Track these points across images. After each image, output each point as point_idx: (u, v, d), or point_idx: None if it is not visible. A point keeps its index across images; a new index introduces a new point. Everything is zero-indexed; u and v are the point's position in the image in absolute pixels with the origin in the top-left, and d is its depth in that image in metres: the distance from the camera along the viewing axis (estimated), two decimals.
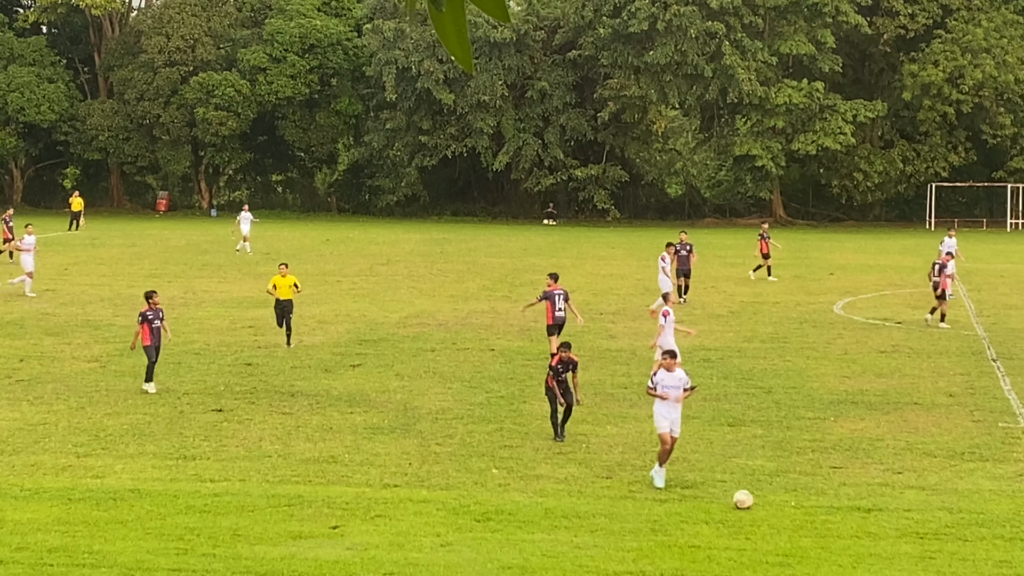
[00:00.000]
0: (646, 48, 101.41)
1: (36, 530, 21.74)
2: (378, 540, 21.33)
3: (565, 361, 28.42)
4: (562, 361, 28.41)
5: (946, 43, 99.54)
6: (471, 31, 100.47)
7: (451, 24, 5.31)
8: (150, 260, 67.36)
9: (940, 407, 31.98)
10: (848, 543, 21.46)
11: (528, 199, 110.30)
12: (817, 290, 55.69)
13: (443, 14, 5.31)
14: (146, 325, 32.89)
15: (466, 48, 5.32)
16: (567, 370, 28.44)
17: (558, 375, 28.22)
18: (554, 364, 28.45)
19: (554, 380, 28.22)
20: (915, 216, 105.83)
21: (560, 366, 28.32)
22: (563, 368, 28.37)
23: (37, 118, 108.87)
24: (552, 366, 28.49)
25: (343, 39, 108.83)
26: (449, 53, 5.35)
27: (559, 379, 28.20)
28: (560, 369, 28.31)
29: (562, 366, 28.35)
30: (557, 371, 28.26)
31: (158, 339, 33.13)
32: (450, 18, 5.30)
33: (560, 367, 28.31)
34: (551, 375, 28.37)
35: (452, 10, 5.31)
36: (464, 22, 5.30)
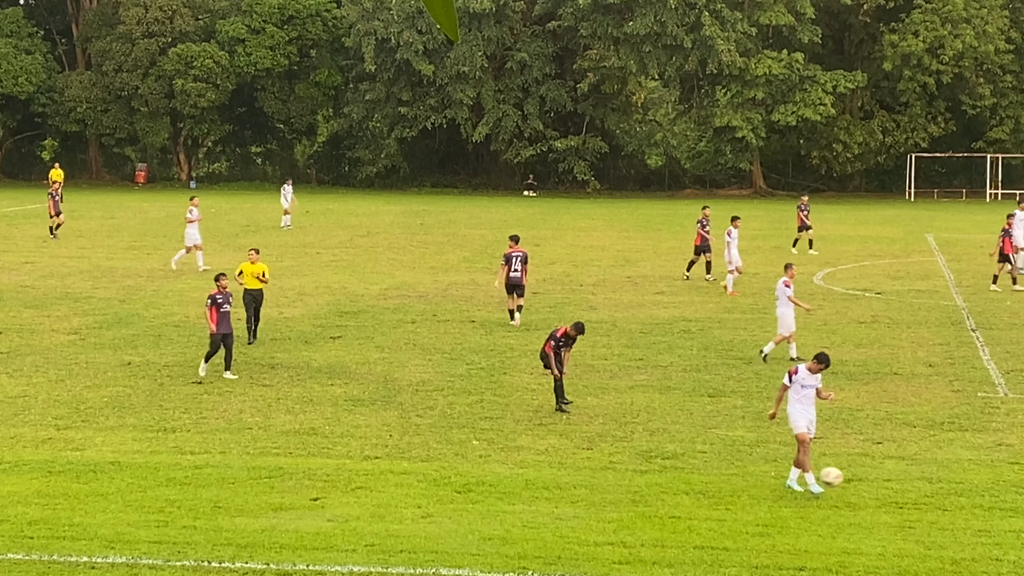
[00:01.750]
0: (625, 19, 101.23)
1: (16, 503, 21.71)
2: (359, 512, 21.35)
3: (570, 336, 28.44)
4: (567, 335, 28.40)
5: (926, 13, 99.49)
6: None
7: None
8: (129, 232, 67.18)
9: (920, 377, 32.07)
10: (828, 513, 21.54)
11: (508, 170, 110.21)
12: (797, 261, 55.65)
13: None
14: (215, 308, 30.98)
15: (451, 16, 5.30)
16: (567, 345, 28.39)
17: (558, 346, 28.21)
18: (559, 335, 28.38)
19: (553, 349, 28.17)
20: (895, 187, 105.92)
21: (563, 339, 28.30)
22: (564, 342, 28.31)
23: (15, 90, 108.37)
24: (555, 336, 28.43)
25: (322, 10, 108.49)
26: (435, 21, 5.31)
27: (557, 351, 28.17)
28: (562, 342, 28.25)
29: (564, 340, 28.31)
30: (558, 342, 28.24)
31: (228, 324, 31.31)
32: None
33: (563, 340, 28.29)
34: (551, 343, 28.31)
35: None
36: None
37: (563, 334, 28.35)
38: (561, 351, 28.23)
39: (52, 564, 19.20)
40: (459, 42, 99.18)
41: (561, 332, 28.45)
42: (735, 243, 46.26)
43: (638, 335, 37.60)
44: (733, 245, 46.13)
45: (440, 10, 5.30)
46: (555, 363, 28.10)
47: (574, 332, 28.48)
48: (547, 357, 28.36)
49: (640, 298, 44.86)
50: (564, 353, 28.36)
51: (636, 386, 30.90)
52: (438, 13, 5.31)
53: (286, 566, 19.14)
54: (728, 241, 46.27)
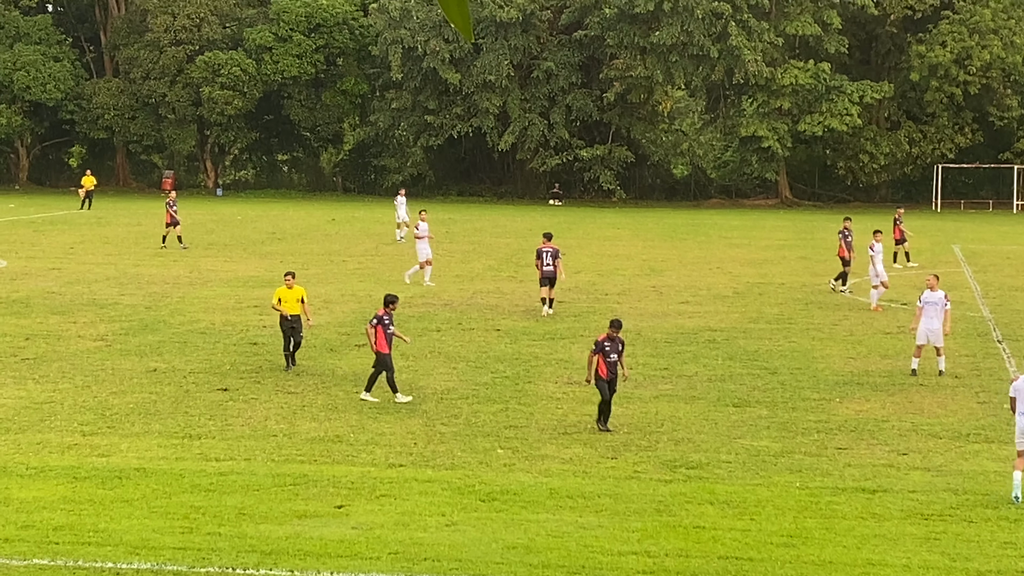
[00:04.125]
0: (652, 28, 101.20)
1: (42, 508, 21.77)
2: (383, 519, 21.35)
3: (613, 339, 27.49)
4: (610, 339, 27.47)
5: (954, 24, 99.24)
6: (478, 9, 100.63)
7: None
8: (156, 239, 67.31)
9: (945, 388, 31.97)
10: (853, 524, 21.47)
11: (534, 179, 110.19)
12: (823, 271, 55.62)
13: None
14: (380, 328, 29.93)
15: (465, 15, 5.30)
16: (616, 351, 27.44)
17: (606, 354, 27.23)
18: (601, 340, 27.49)
19: (603, 358, 27.16)
20: (921, 197, 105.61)
21: (607, 343, 27.37)
22: (611, 346, 27.39)
23: (43, 97, 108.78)
24: (599, 342, 27.48)
25: (349, 18, 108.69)
26: (449, 21, 5.32)
27: (608, 359, 27.21)
28: (607, 347, 27.31)
29: (610, 344, 27.40)
30: (603, 348, 27.26)
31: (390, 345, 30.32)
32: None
33: (607, 344, 27.36)
34: (598, 353, 27.26)
35: None
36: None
37: (605, 338, 27.54)
38: (612, 359, 27.26)
39: (77, 570, 19.24)
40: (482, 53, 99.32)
41: (603, 336, 27.68)
42: (879, 257, 45.22)
43: (663, 344, 37.56)
44: (877, 259, 45.06)
45: (454, 9, 5.31)
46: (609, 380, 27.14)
47: (613, 331, 27.58)
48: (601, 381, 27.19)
49: (665, 307, 44.81)
50: (618, 359, 27.38)
51: (661, 396, 30.86)
52: (452, 12, 5.32)
53: (310, 573, 19.15)
54: (872, 255, 45.30)
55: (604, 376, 27.20)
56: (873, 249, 45.29)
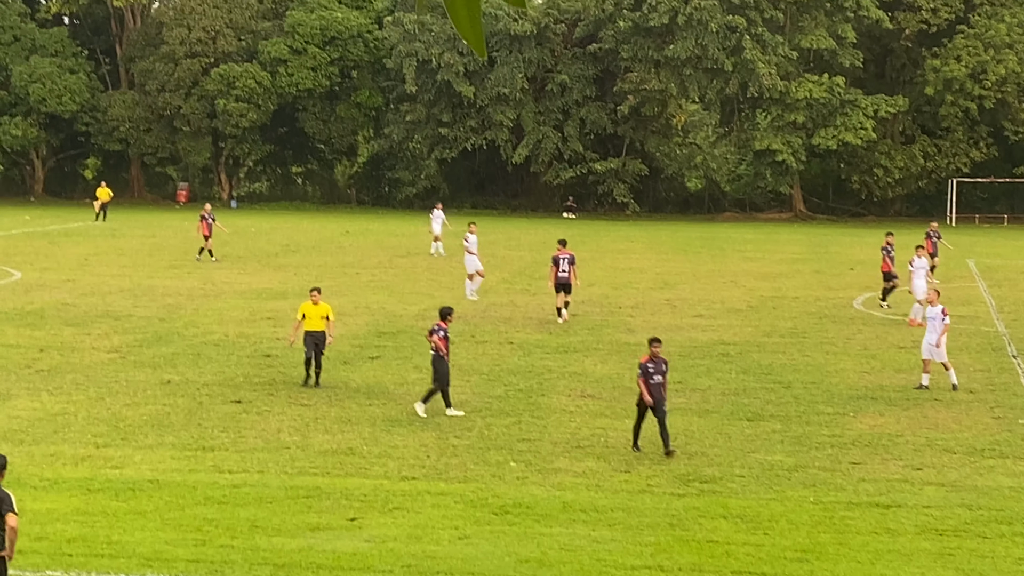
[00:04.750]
0: (666, 42, 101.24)
1: (55, 520, 21.78)
2: (396, 532, 21.34)
3: (656, 359, 26.59)
4: (653, 359, 26.57)
5: (969, 38, 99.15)
6: (492, 23, 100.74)
7: (463, 8, 5.28)
8: (170, 251, 67.47)
9: (960, 403, 31.88)
10: (867, 539, 21.41)
11: (547, 192, 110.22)
12: (837, 285, 55.56)
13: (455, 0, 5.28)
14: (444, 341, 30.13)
15: (478, 32, 5.29)
16: (660, 371, 26.49)
17: (649, 376, 26.27)
18: (643, 361, 26.58)
19: (645, 381, 26.23)
20: (936, 212, 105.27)
21: (651, 364, 26.44)
22: (654, 367, 26.45)
23: (58, 109, 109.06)
24: (642, 364, 26.58)
25: (364, 31, 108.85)
26: (462, 37, 5.31)
27: (651, 381, 26.23)
28: (651, 368, 26.37)
29: (653, 364, 26.46)
30: (647, 370, 26.35)
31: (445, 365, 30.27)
32: (463, 3, 5.27)
33: (651, 365, 26.41)
34: (641, 376, 26.39)
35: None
36: (477, 8, 5.28)
37: (648, 359, 26.57)
38: (654, 378, 26.26)
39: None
40: (496, 66, 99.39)
41: (645, 358, 26.71)
42: (920, 272, 45.08)
43: (676, 358, 37.46)
44: (918, 275, 44.94)
45: (467, 26, 5.30)
46: (654, 402, 26.21)
47: (655, 348, 26.75)
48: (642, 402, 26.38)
49: (679, 321, 44.76)
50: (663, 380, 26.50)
51: (674, 409, 30.76)
52: (465, 30, 5.30)
53: None
54: (911, 270, 45.21)
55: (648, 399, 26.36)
56: (913, 264, 45.17)
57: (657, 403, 26.21)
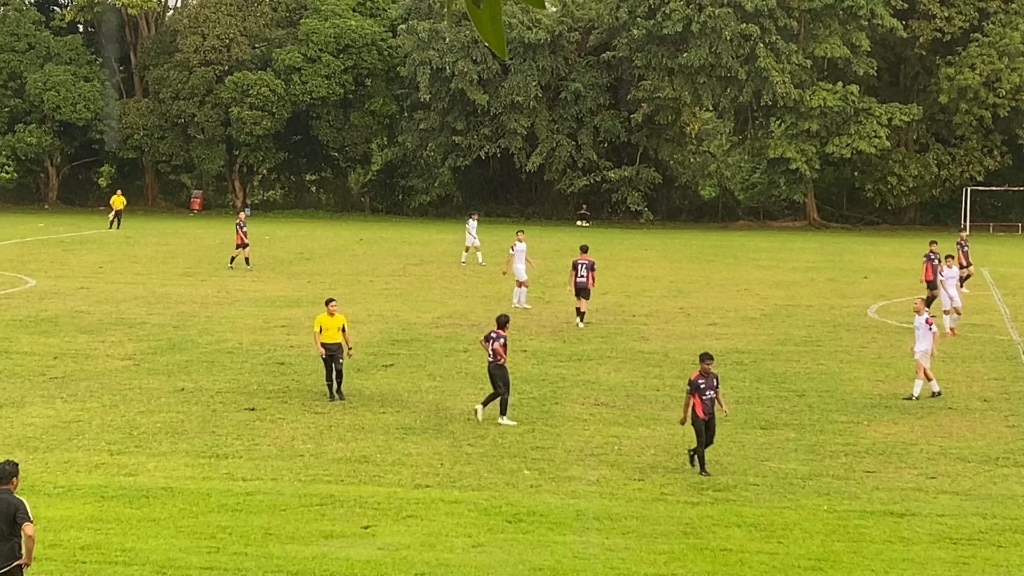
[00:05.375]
0: (680, 50, 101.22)
1: (69, 527, 21.81)
2: (410, 540, 21.34)
3: (707, 374, 25.96)
4: (704, 374, 25.92)
5: (983, 47, 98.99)
6: (506, 31, 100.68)
7: (487, 15, 5.29)
8: (184, 259, 67.57)
9: (974, 412, 31.83)
10: (881, 548, 21.37)
11: (561, 200, 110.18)
12: (851, 293, 55.49)
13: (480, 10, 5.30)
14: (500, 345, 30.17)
15: (500, 34, 5.31)
16: (712, 387, 25.88)
17: (701, 392, 25.67)
18: (694, 378, 25.98)
19: (698, 396, 25.65)
20: (950, 220, 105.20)
21: (702, 380, 25.81)
22: (705, 382, 25.82)
23: (73, 116, 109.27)
24: (692, 380, 26.02)
25: (378, 39, 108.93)
26: (483, 40, 5.32)
27: (703, 397, 25.64)
28: (702, 384, 25.74)
29: (704, 380, 25.83)
30: (698, 387, 25.73)
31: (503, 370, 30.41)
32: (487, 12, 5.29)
33: (702, 381, 25.79)
34: (694, 393, 25.76)
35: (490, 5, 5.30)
36: (499, 11, 5.30)
37: (698, 375, 25.96)
38: (708, 396, 25.71)
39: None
40: (510, 74, 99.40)
41: (696, 374, 26.12)
42: (951, 282, 44.63)
43: (690, 366, 37.34)
44: (948, 284, 44.57)
45: (488, 29, 5.32)
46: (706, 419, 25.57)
47: (706, 364, 26.06)
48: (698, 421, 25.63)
49: (693, 329, 44.73)
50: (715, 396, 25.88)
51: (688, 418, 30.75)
52: (486, 31, 5.33)
53: None
54: (942, 279, 44.88)
55: (701, 415, 25.65)
56: (943, 274, 44.95)
57: (710, 419, 25.68)
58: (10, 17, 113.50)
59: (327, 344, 32.35)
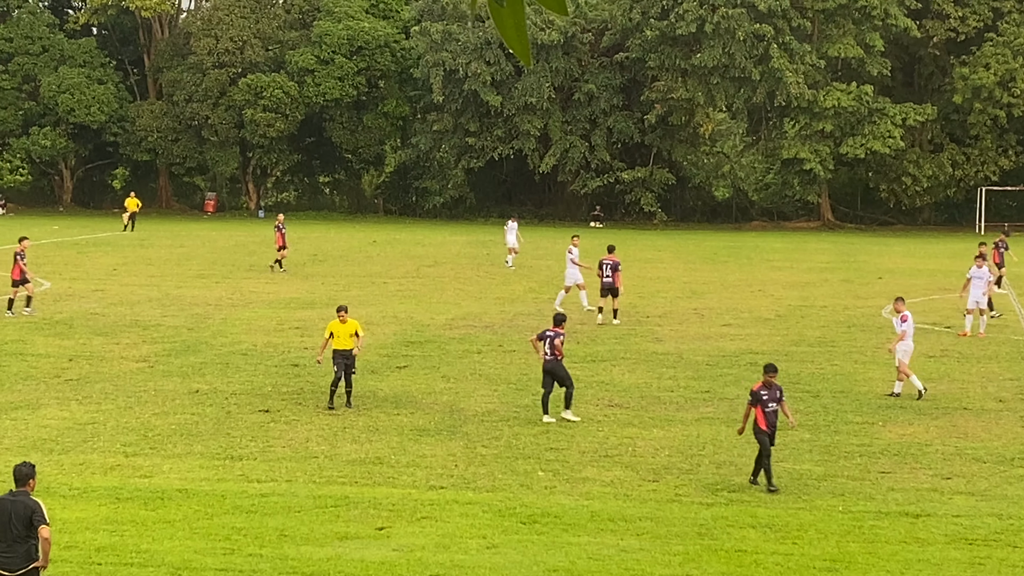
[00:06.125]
0: (693, 51, 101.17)
1: (85, 529, 21.85)
2: (424, 541, 21.34)
3: (770, 386, 25.22)
4: (767, 386, 25.19)
5: (997, 46, 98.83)
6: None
7: (510, 18, 5.31)
8: (198, 261, 67.65)
9: (990, 412, 31.76)
10: (896, 548, 21.33)
11: (575, 201, 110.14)
12: (865, 294, 55.41)
13: (503, 9, 5.30)
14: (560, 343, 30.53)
15: (524, 42, 5.32)
16: (775, 398, 25.17)
17: (764, 404, 24.98)
18: (756, 388, 25.30)
19: (760, 409, 24.95)
20: (964, 220, 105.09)
21: (764, 391, 25.10)
22: (768, 394, 25.11)
23: (87, 119, 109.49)
24: (754, 391, 25.30)
25: (391, 41, 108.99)
26: (508, 47, 5.33)
27: (766, 409, 24.95)
28: (764, 396, 25.03)
29: (767, 391, 25.11)
30: (760, 398, 25.03)
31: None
32: (509, 12, 5.30)
33: (764, 392, 25.09)
34: (755, 404, 25.04)
35: (512, 4, 5.31)
36: (523, 16, 5.30)
37: (761, 386, 25.25)
38: (769, 406, 24.99)
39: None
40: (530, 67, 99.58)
41: (759, 385, 25.41)
42: (974, 282, 44.10)
43: (704, 367, 37.45)
44: (974, 284, 44.07)
45: (513, 36, 5.33)
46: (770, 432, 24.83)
47: (769, 376, 25.32)
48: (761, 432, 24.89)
49: (707, 330, 44.69)
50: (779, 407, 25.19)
51: (702, 418, 30.76)
52: (512, 40, 5.33)
53: None
54: (969, 278, 44.39)
55: (764, 428, 24.89)
56: (970, 273, 44.52)
57: (773, 432, 25.00)
58: (24, 20, 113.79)
59: (340, 351, 31.84)
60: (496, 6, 5.31)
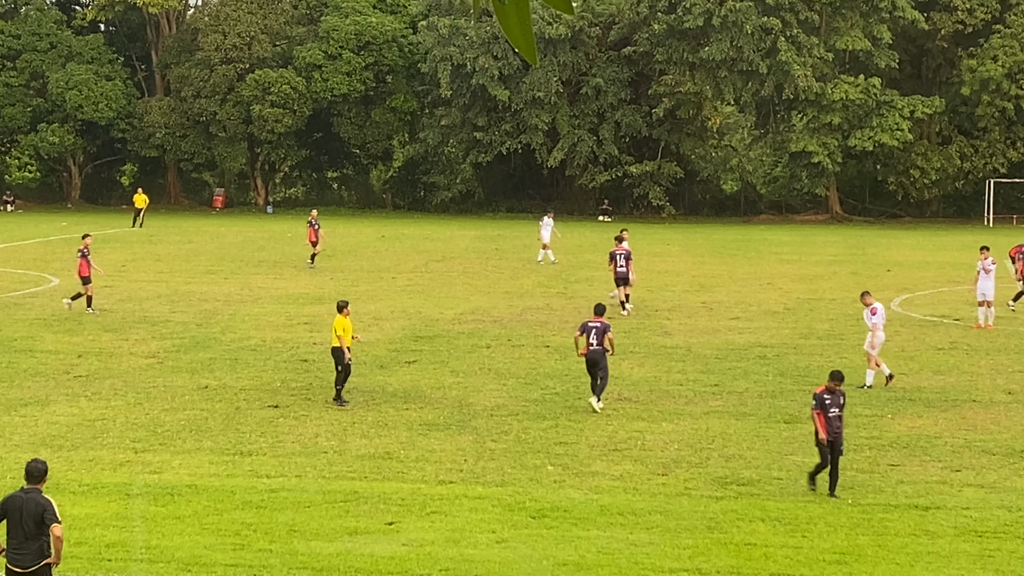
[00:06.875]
0: (701, 44, 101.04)
1: (94, 525, 21.88)
2: (434, 536, 21.36)
3: (833, 391, 24.60)
4: (830, 391, 24.58)
5: (1005, 38, 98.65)
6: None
7: (514, 15, 5.29)
8: (207, 257, 67.69)
9: (999, 404, 31.73)
10: (906, 541, 21.33)
11: (583, 196, 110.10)
12: (874, 287, 55.21)
13: (506, 6, 5.29)
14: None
15: (530, 40, 5.31)
16: (837, 404, 24.55)
17: (826, 409, 24.33)
18: (819, 392, 24.69)
19: (822, 415, 24.28)
20: (973, 212, 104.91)
21: (827, 396, 24.48)
22: (831, 399, 24.49)
23: (95, 115, 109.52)
24: (817, 394, 24.69)
25: (398, 36, 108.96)
26: (513, 45, 5.32)
27: (828, 414, 24.28)
28: (827, 400, 24.44)
29: (830, 396, 24.49)
30: (823, 401, 24.42)
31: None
32: (513, 9, 5.29)
33: (827, 397, 24.47)
34: (818, 409, 24.37)
35: (515, 2, 5.30)
36: (528, 14, 5.29)
37: (824, 390, 24.65)
38: (833, 413, 24.32)
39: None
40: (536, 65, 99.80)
41: (821, 389, 24.84)
42: (983, 275, 43.86)
43: (713, 361, 37.44)
44: (982, 277, 43.87)
45: (518, 34, 5.31)
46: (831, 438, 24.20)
47: (834, 383, 24.77)
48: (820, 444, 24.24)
49: (715, 324, 44.67)
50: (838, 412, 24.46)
51: (711, 412, 30.76)
52: (516, 37, 5.32)
53: None
54: (979, 271, 44.18)
55: (824, 435, 24.27)
56: (978, 266, 44.34)
57: (835, 439, 24.25)
58: (32, 17, 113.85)
59: (339, 347, 31.67)
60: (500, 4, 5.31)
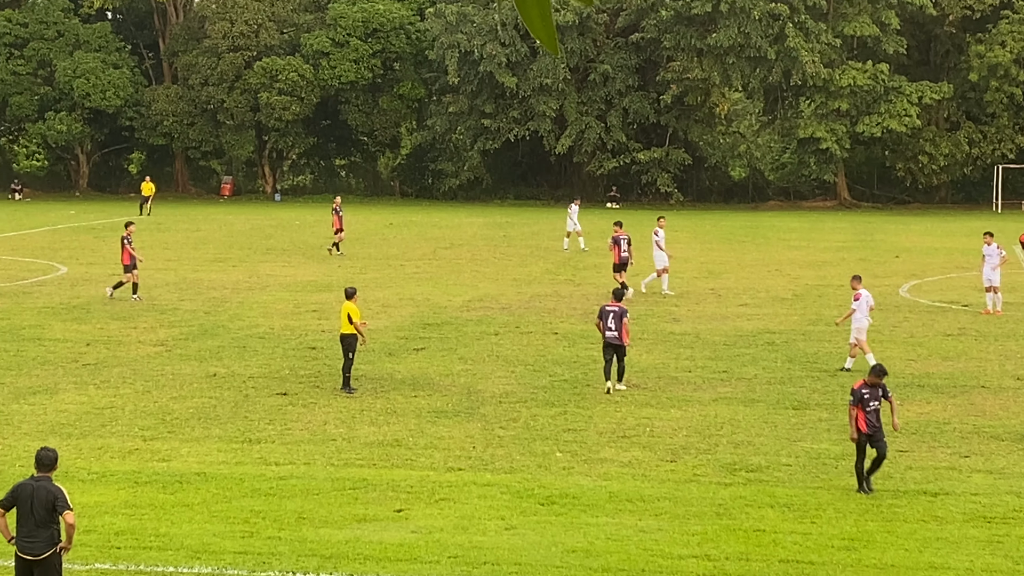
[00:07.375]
0: (709, 30, 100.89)
1: (103, 513, 21.91)
2: (442, 523, 21.37)
3: (874, 386, 23.64)
4: (869, 386, 23.60)
5: (1013, 23, 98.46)
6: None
7: (535, 6, 5.28)
8: (215, 244, 67.72)
9: (1007, 390, 31.70)
10: (915, 527, 21.32)
11: (591, 182, 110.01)
12: (883, 273, 55.28)
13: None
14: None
15: (551, 30, 5.30)
16: (876, 398, 23.60)
17: (865, 403, 23.41)
18: (857, 387, 23.69)
19: (861, 410, 23.37)
20: (981, 198, 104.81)
21: (866, 390, 23.51)
22: (870, 393, 23.55)
23: (102, 104, 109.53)
24: (855, 389, 23.68)
25: (406, 23, 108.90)
26: (534, 36, 5.31)
27: (867, 409, 23.38)
28: (866, 395, 23.47)
29: (868, 391, 23.52)
30: (862, 396, 23.45)
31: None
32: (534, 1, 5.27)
33: (866, 391, 23.49)
34: (857, 404, 23.45)
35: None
36: (548, 4, 5.27)
37: (862, 385, 23.70)
38: (872, 407, 23.45)
39: (139, 574, 19.37)
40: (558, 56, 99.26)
41: (860, 383, 23.88)
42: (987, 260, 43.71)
43: (722, 347, 37.42)
44: (986, 262, 43.76)
45: (539, 25, 5.30)
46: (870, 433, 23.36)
47: (875, 378, 23.78)
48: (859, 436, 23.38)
49: (724, 310, 44.66)
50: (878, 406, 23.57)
51: (720, 398, 30.75)
52: (537, 28, 5.31)
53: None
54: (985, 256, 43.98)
55: (863, 429, 23.36)
56: (983, 251, 44.26)
57: (874, 433, 23.40)
58: (39, 5, 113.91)
59: (347, 334, 31.52)
60: None
